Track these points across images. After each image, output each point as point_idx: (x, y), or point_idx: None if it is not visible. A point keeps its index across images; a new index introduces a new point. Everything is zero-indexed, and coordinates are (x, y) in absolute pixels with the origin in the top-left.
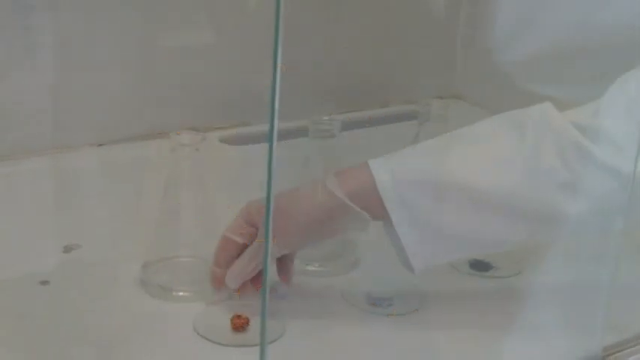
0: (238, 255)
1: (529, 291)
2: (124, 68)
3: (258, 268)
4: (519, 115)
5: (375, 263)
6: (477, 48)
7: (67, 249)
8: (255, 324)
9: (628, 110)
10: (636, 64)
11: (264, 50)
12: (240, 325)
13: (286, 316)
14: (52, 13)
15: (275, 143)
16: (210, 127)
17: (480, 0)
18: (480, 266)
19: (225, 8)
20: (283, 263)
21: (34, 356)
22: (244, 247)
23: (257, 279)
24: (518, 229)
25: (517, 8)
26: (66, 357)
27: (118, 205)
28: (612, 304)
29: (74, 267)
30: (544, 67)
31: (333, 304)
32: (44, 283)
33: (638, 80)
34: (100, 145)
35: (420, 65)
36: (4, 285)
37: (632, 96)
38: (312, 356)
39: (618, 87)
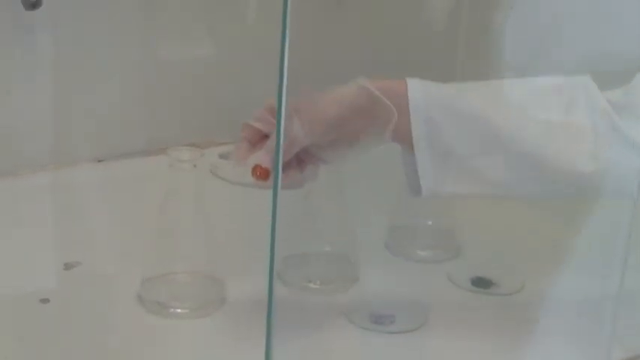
0: (257, 141)
1: (533, 307)
2: (123, 84)
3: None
4: (560, 78)
5: (377, 281)
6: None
7: (68, 266)
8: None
9: None
10: None
11: (264, 66)
12: (262, 173)
13: (287, 335)
14: (51, 31)
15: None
16: (210, 142)
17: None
18: (481, 283)
19: (225, 24)
20: (302, 159)
21: None
22: (263, 134)
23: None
24: (531, 181)
25: (529, 42)
26: None
27: (117, 221)
28: (619, 318)
29: (75, 284)
30: None
31: (335, 322)
32: (44, 301)
33: None
34: (100, 160)
35: (420, 76)
36: (4, 302)
37: None
38: None
39: None
